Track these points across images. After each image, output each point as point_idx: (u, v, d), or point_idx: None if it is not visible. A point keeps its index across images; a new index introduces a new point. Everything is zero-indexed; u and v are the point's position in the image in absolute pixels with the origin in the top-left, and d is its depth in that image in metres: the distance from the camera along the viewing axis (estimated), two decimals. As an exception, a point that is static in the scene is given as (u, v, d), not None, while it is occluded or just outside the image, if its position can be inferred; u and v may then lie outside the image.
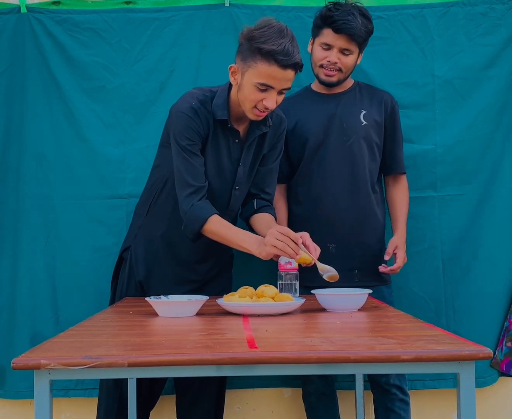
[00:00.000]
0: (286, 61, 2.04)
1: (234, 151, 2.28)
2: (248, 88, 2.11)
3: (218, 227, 2.15)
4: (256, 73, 2.08)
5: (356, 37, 2.44)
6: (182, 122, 2.18)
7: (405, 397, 2.56)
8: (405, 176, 2.66)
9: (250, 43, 2.07)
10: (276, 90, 2.10)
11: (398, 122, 2.62)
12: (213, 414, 2.42)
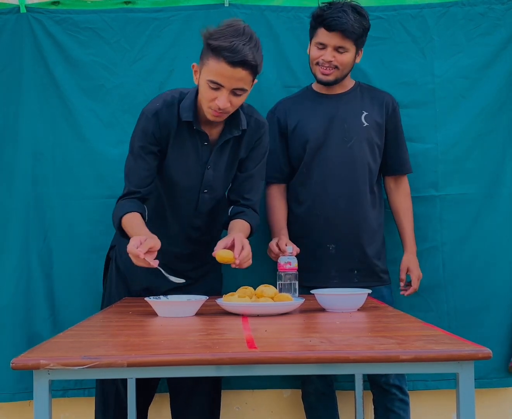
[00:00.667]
0: (232, 58, 1.99)
1: (203, 153, 2.25)
2: (202, 87, 2.10)
3: (125, 225, 2.15)
4: (207, 70, 2.05)
5: (349, 34, 2.43)
6: (140, 124, 2.21)
7: (404, 397, 2.56)
8: (406, 178, 2.66)
9: (206, 41, 2.05)
10: (226, 89, 2.05)
11: (399, 123, 2.62)
12: (209, 413, 2.41)
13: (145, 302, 1.97)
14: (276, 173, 2.63)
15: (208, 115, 2.14)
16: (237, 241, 2.03)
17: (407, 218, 2.63)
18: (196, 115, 2.20)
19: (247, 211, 2.31)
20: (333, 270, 2.54)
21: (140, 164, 2.20)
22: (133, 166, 2.22)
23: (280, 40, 2.79)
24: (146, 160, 2.20)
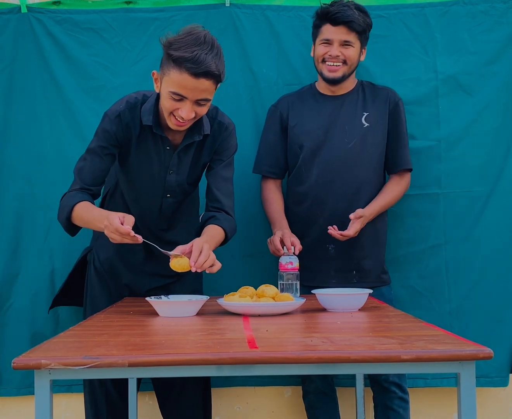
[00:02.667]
0: (195, 69, 1.94)
1: (165, 158, 2.23)
2: (164, 97, 2.05)
3: (80, 211, 2.10)
4: (169, 81, 2.00)
5: (355, 26, 2.45)
6: (102, 125, 2.19)
7: (404, 396, 2.55)
8: (409, 175, 2.65)
9: (167, 50, 2.00)
10: (190, 100, 2.01)
11: (402, 118, 2.60)
12: (202, 413, 2.40)
13: (146, 302, 1.97)
14: (274, 168, 2.63)
15: (170, 124, 2.10)
16: (194, 247, 1.96)
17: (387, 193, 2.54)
18: (157, 119, 2.17)
19: (218, 215, 2.25)
20: (332, 270, 2.53)
21: (96, 163, 2.18)
22: (88, 164, 2.18)
23: (281, 39, 2.79)
24: (103, 160, 2.18)
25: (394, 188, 2.59)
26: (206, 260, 1.95)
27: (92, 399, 2.32)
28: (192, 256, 1.94)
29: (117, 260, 2.35)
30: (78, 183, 2.18)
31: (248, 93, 2.78)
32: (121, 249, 2.33)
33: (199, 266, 1.93)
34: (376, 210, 2.52)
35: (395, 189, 2.59)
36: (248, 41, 2.79)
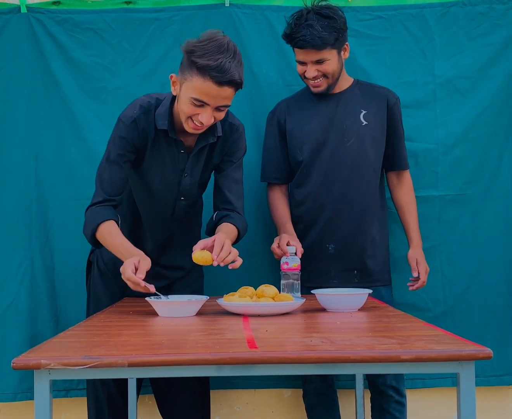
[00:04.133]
0: (220, 78, 1.96)
1: (180, 161, 2.23)
2: (183, 101, 2.05)
3: (104, 234, 2.11)
4: (191, 87, 2.01)
5: (321, 46, 2.40)
6: (118, 131, 2.17)
7: (401, 399, 2.55)
8: (409, 172, 2.66)
9: (189, 55, 2.00)
10: (211, 107, 2.03)
11: (399, 117, 2.61)
12: (200, 413, 2.40)
13: (146, 302, 1.97)
14: (277, 173, 2.63)
15: (186, 127, 2.11)
16: (216, 242, 1.99)
17: (410, 212, 2.62)
18: (172, 123, 2.17)
19: (232, 214, 2.28)
20: (333, 270, 2.53)
21: (116, 172, 2.16)
22: (108, 173, 2.16)
23: (281, 40, 2.76)
24: (123, 168, 2.17)
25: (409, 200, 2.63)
26: (228, 255, 1.98)
27: (95, 399, 2.32)
28: (214, 250, 1.97)
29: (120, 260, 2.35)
30: (101, 194, 2.16)
31: (248, 93, 2.78)
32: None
33: (221, 260, 1.97)
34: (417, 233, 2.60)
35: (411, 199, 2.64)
36: (248, 41, 2.79)
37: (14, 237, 2.74)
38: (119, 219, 2.17)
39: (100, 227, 2.11)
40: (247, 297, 1.95)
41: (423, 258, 2.58)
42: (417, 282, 2.56)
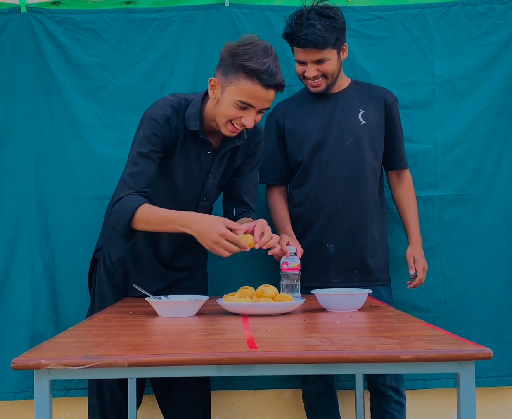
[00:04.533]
0: (269, 81, 2.01)
1: (205, 162, 2.25)
2: (226, 104, 2.07)
3: (146, 213, 2.05)
4: (237, 90, 2.04)
5: (323, 46, 2.40)
6: (149, 128, 2.15)
7: (400, 399, 2.55)
8: (409, 171, 2.66)
9: (234, 59, 2.03)
10: (255, 109, 2.07)
11: (397, 117, 2.61)
12: (201, 412, 2.40)
13: (145, 302, 1.97)
14: (276, 175, 2.63)
15: (223, 129, 2.13)
16: (257, 226, 2.03)
17: (410, 210, 2.63)
18: (201, 124, 2.19)
19: (250, 211, 2.34)
20: (333, 270, 2.54)
21: (149, 167, 2.13)
22: (141, 168, 2.13)
23: (281, 40, 2.77)
24: (155, 164, 2.15)
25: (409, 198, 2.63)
26: (270, 240, 2.03)
27: (99, 398, 2.32)
28: (256, 233, 2.01)
29: (128, 259, 2.35)
30: (132, 187, 2.10)
31: (248, 94, 2.78)
32: (133, 249, 2.33)
33: (264, 244, 2.01)
34: (416, 232, 2.60)
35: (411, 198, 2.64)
36: (248, 41, 2.79)
37: (14, 237, 2.75)
38: None
39: (139, 209, 2.05)
40: (247, 297, 1.95)
41: (422, 256, 2.58)
42: (415, 280, 2.56)
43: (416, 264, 2.56)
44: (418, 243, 2.60)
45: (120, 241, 2.29)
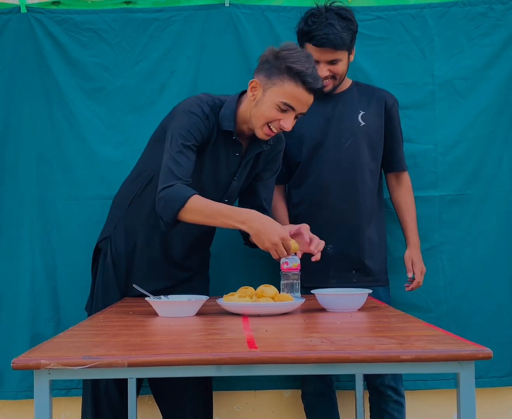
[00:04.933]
0: (313, 84, 2.06)
1: (233, 164, 2.27)
2: (268, 106, 2.10)
3: (199, 204, 2.04)
4: (281, 92, 2.07)
5: (340, 46, 2.41)
6: (190, 121, 2.14)
7: (399, 399, 2.55)
8: (407, 174, 2.67)
9: (279, 61, 2.07)
10: (296, 112, 2.11)
11: (397, 119, 2.61)
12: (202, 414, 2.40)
13: (145, 302, 1.97)
14: None
15: (259, 131, 2.15)
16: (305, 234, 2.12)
17: (409, 213, 2.63)
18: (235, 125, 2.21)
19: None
20: (331, 271, 2.54)
21: (192, 159, 2.13)
22: (186, 159, 2.10)
23: (281, 40, 2.75)
24: (194, 154, 2.14)
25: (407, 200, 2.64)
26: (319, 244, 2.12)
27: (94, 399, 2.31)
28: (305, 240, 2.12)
29: (136, 253, 2.35)
30: (179, 178, 2.07)
31: (248, 94, 2.78)
32: (142, 243, 2.33)
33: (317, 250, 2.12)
34: (414, 234, 2.61)
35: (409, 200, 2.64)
36: (247, 41, 2.79)
37: (15, 237, 2.75)
38: None
39: (191, 199, 2.03)
40: (247, 297, 1.95)
41: (420, 259, 2.59)
42: (412, 283, 2.57)
43: (414, 267, 2.57)
44: (416, 246, 2.60)
45: (127, 233, 2.30)
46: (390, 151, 2.61)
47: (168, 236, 2.30)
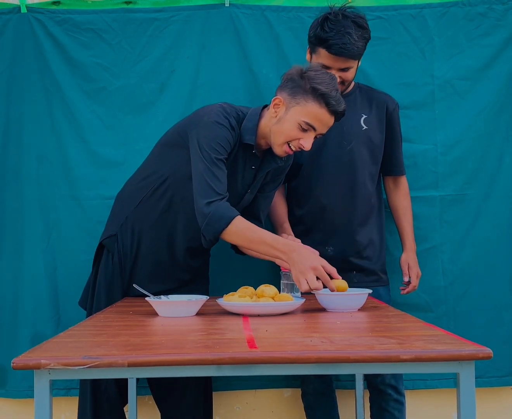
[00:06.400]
0: (336, 107, 2.08)
1: (247, 176, 2.28)
2: (290, 124, 2.10)
3: (242, 227, 2.04)
4: (304, 111, 2.08)
5: (356, 57, 2.40)
6: (221, 133, 2.13)
7: (399, 398, 2.55)
8: (405, 178, 2.67)
9: (305, 81, 2.08)
10: (316, 133, 2.12)
11: (398, 124, 2.62)
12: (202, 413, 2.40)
13: (145, 302, 1.97)
14: None
15: (277, 149, 2.15)
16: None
17: (406, 216, 2.64)
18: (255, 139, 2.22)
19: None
20: (332, 271, 2.54)
21: (224, 171, 2.12)
22: (221, 173, 2.10)
23: (281, 40, 2.79)
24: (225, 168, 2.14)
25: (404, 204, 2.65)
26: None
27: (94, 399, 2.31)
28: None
29: (141, 252, 2.34)
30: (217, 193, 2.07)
31: (248, 94, 2.78)
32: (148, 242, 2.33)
33: None
34: (411, 238, 2.62)
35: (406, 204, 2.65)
36: (247, 41, 2.79)
37: (15, 237, 2.75)
38: None
39: (235, 221, 2.03)
40: (247, 297, 1.95)
41: (416, 263, 2.60)
42: (408, 287, 2.59)
43: (411, 271, 2.58)
44: (412, 250, 2.61)
45: (135, 231, 2.31)
46: (389, 155, 2.61)
47: (174, 239, 2.31)
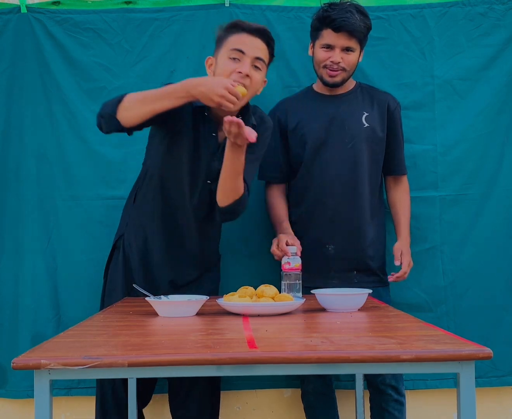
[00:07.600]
0: (250, 26, 2.19)
1: (211, 144, 2.28)
2: (222, 64, 2.20)
3: (138, 93, 2.11)
4: (226, 45, 2.19)
5: (357, 33, 2.44)
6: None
7: (400, 398, 2.55)
8: (406, 177, 2.67)
9: (221, 31, 2.24)
10: (248, 56, 2.17)
11: (399, 123, 2.62)
12: (209, 411, 2.41)
13: (145, 302, 1.97)
14: (276, 173, 2.64)
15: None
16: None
17: (403, 209, 2.63)
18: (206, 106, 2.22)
19: None
20: (332, 270, 2.54)
21: None
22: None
23: (281, 40, 2.78)
24: None
25: (403, 199, 2.64)
26: None
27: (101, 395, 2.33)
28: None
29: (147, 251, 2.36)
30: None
31: (247, 94, 2.78)
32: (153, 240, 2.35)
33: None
34: (406, 229, 2.60)
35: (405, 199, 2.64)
36: (247, 41, 2.79)
37: (16, 237, 2.75)
38: None
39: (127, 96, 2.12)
40: (247, 297, 1.95)
41: (409, 253, 2.57)
42: (399, 273, 2.52)
43: (403, 258, 2.54)
44: (407, 240, 2.60)
45: (139, 229, 2.34)
46: (391, 154, 2.61)
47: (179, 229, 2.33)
